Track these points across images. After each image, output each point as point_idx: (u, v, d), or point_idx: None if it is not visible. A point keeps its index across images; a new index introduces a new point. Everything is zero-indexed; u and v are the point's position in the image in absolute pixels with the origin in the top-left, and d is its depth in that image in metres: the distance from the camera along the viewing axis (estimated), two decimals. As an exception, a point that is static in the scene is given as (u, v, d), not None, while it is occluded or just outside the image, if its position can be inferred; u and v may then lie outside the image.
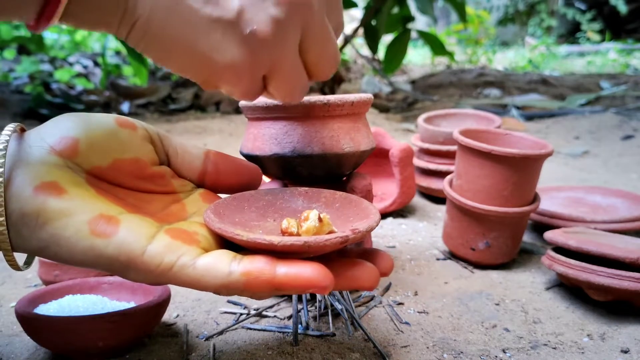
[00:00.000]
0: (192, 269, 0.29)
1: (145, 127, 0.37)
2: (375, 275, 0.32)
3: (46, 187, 0.29)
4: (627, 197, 0.84)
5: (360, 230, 0.31)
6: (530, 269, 0.68)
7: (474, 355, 0.46)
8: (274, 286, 0.29)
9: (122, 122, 0.36)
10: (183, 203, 0.37)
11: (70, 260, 0.30)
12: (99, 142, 0.33)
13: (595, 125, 1.80)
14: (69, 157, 0.32)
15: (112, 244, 0.29)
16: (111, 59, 3.28)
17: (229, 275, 0.29)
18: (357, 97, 0.50)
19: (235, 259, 0.30)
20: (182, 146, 0.39)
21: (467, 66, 4.01)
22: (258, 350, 0.46)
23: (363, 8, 2.60)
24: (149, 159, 0.36)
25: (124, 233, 0.29)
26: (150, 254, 0.29)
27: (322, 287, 0.29)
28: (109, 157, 0.34)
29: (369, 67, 3.53)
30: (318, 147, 0.49)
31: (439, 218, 0.90)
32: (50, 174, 0.30)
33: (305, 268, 0.29)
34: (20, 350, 0.47)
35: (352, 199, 0.39)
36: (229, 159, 0.41)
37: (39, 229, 0.29)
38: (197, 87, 2.34)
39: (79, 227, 0.29)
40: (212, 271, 0.29)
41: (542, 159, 0.63)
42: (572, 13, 5.89)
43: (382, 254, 0.36)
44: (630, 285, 0.50)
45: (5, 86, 2.47)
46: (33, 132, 0.33)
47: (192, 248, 0.30)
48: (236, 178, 0.40)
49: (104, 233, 0.29)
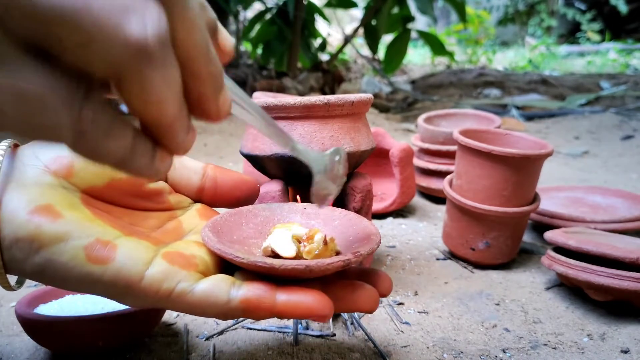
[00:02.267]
0: (191, 295, 0.29)
1: None
2: (375, 299, 0.32)
3: (41, 211, 0.28)
4: (627, 197, 0.84)
5: (362, 254, 0.31)
6: (530, 269, 0.68)
7: (474, 355, 0.46)
8: (273, 314, 0.29)
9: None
10: (179, 220, 0.37)
11: (65, 286, 0.29)
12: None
13: (595, 125, 1.80)
14: (64, 177, 0.31)
15: (109, 270, 0.28)
16: (111, 59, 3.28)
17: (228, 302, 0.29)
18: (357, 97, 0.50)
19: (234, 285, 0.29)
20: (181, 161, 0.38)
21: (467, 66, 4.01)
22: (258, 350, 0.46)
23: (363, 8, 2.60)
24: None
25: (122, 259, 0.28)
26: (149, 280, 0.28)
27: (322, 316, 0.29)
28: (105, 176, 0.33)
29: (369, 67, 3.53)
30: (318, 147, 0.49)
31: (439, 218, 0.90)
32: (44, 196, 0.29)
33: (305, 297, 0.29)
34: (20, 351, 0.47)
35: (351, 217, 0.38)
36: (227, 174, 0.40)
37: (33, 254, 0.28)
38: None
39: (75, 252, 0.28)
40: (211, 298, 0.29)
41: (542, 159, 0.63)
42: (572, 13, 5.89)
43: (381, 274, 0.35)
44: (630, 285, 0.50)
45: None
46: (27, 149, 0.32)
47: (191, 273, 0.29)
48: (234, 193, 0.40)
49: (101, 259, 0.28)
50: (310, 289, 0.30)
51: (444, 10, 5.96)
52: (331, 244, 0.34)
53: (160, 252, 0.30)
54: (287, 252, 0.33)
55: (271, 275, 0.30)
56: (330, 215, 0.39)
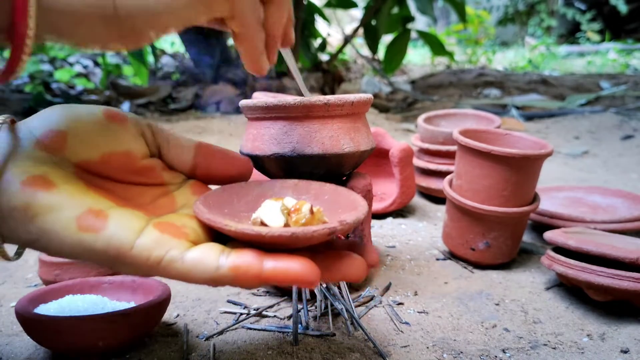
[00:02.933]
0: (181, 263, 0.29)
1: (136, 120, 0.37)
2: (362, 267, 0.32)
3: (34, 181, 0.29)
4: (627, 197, 0.84)
5: (347, 222, 0.31)
6: (530, 269, 0.68)
7: (473, 355, 0.46)
8: (261, 280, 0.29)
9: (111, 115, 0.35)
10: (172, 195, 0.38)
11: (60, 253, 0.30)
12: (88, 137, 0.33)
13: (595, 125, 1.80)
14: (57, 150, 0.32)
15: (100, 239, 0.29)
16: (111, 59, 3.28)
17: (217, 269, 0.29)
18: (357, 97, 0.50)
19: (223, 252, 0.30)
20: (174, 138, 0.39)
21: (467, 66, 4.01)
22: (258, 350, 0.46)
23: (363, 8, 2.60)
24: (139, 152, 0.36)
25: (113, 228, 0.29)
26: (139, 248, 0.29)
27: (309, 282, 0.29)
28: (98, 151, 0.34)
29: (369, 67, 3.53)
30: (318, 147, 0.49)
31: (439, 218, 0.90)
32: (38, 168, 0.30)
33: (292, 263, 0.29)
34: (20, 350, 0.47)
35: (340, 192, 0.39)
36: (220, 151, 0.40)
37: (27, 223, 0.29)
38: (197, 87, 2.34)
39: (68, 222, 0.29)
40: (201, 265, 0.29)
41: (541, 159, 0.63)
42: (572, 13, 5.89)
43: (368, 246, 0.36)
44: (629, 285, 0.50)
45: (6, 85, 2.47)
46: (22, 124, 0.33)
47: (181, 242, 0.30)
48: (227, 170, 0.40)
49: (93, 228, 0.29)
50: (298, 256, 0.30)
51: (443, 10, 5.96)
52: (318, 214, 0.34)
53: (152, 222, 0.31)
54: (275, 223, 0.33)
55: (259, 244, 0.31)
56: (320, 189, 0.40)
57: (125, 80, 2.72)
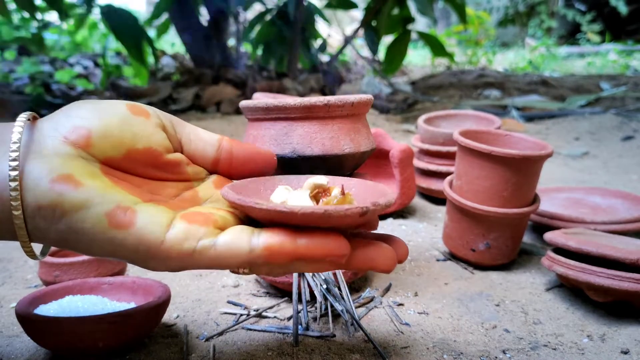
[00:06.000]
0: (214, 250, 0.29)
1: (158, 114, 0.36)
2: (392, 257, 0.32)
3: (62, 180, 0.29)
4: (627, 198, 0.84)
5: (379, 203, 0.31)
6: (530, 270, 0.68)
7: (474, 356, 0.46)
8: (296, 257, 0.29)
9: (135, 110, 0.35)
10: (196, 190, 0.38)
11: (90, 251, 0.30)
12: (113, 133, 0.33)
13: (595, 126, 1.80)
14: (83, 148, 0.32)
15: (131, 235, 0.29)
16: (112, 60, 3.28)
17: (251, 251, 0.29)
18: (357, 97, 0.50)
19: (254, 233, 0.30)
20: (196, 133, 0.39)
21: (467, 67, 4.01)
22: (258, 351, 0.46)
23: (363, 9, 2.60)
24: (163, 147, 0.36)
25: (142, 224, 0.29)
26: (170, 242, 0.29)
27: (340, 255, 0.29)
28: (122, 147, 0.33)
29: (369, 68, 3.54)
30: (318, 148, 0.49)
31: (439, 219, 0.90)
32: (65, 166, 0.30)
33: (324, 239, 0.29)
34: (20, 351, 0.47)
35: (367, 183, 0.39)
36: (243, 146, 0.40)
37: (56, 222, 0.29)
38: (198, 88, 2.35)
39: (98, 219, 0.29)
40: (234, 249, 0.29)
41: (542, 160, 0.63)
42: (572, 14, 5.89)
43: (398, 240, 0.35)
44: (630, 286, 0.50)
45: (6, 87, 2.47)
46: (46, 120, 0.33)
47: (210, 229, 0.30)
48: (250, 165, 0.40)
49: (122, 224, 0.29)
50: (329, 233, 0.30)
51: (444, 11, 5.97)
52: (348, 197, 0.34)
53: (179, 215, 0.31)
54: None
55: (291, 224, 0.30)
56: (347, 183, 0.40)
57: (126, 81, 2.72)
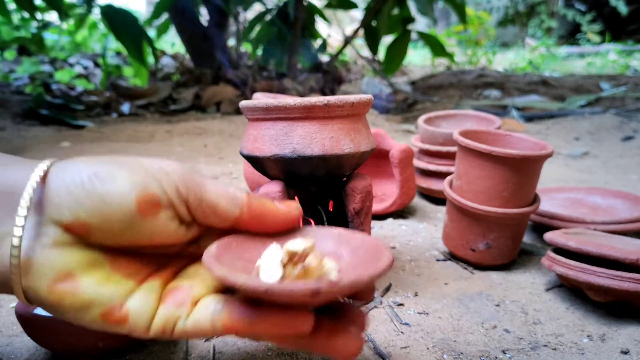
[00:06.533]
0: (184, 330, 0.33)
1: (173, 201, 0.33)
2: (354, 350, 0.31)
3: (61, 279, 0.31)
4: (627, 198, 0.84)
5: (336, 284, 0.28)
6: (530, 270, 0.68)
7: (474, 356, 0.46)
8: (253, 334, 0.31)
9: (145, 207, 0.32)
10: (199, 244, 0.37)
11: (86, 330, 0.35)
12: (114, 232, 0.32)
13: (595, 126, 1.80)
14: (84, 236, 0.32)
15: (123, 329, 0.33)
16: (112, 60, 3.28)
17: (214, 329, 0.32)
18: (357, 98, 0.50)
19: (216, 309, 0.32)
20: (213, 206, 0.34)
21: (467, 67, 4.01)
22: (258, 351, 0.46)
23: (363, 9, 2.60)
24: (174, 239, 0.34)
25: (133, 318, 0.32)
26: (153, 330, 0.33)
27: (296, 334, 0.30)
28: (125, 242, 0.33)
29: (369, 68, 3.54)
30: (318, 148, 0.49)
31: (439, 219, 0.90)
32: (64, 262, 0.31)
33: (281, 316, 0.30)
34: (20, 351, 0.47)
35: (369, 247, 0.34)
36: (265, 212, 0.36)
37: (58, 315, 0.32)
38: (198, 88, 2.35)
39: (94, 318, 0.32)
40: (200, 328, 0.33)
41: (542, 160, 0.63)
42: (572, 14, 5.89)
43: (358, 310, 0.34)
44: (630, 286, 0.50)
45: (6, 87, 2.47)
46: (50, 203, 0.31)
47: (183, 310, 0.33)
48: (269, 228, 0.37)
49: (116, 321, 0.32)
50: (288, 310, 0.30)
51: (444, 11, 5.97)
52: (314, 270, 0.31)
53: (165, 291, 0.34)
54: (270, 277, 0.31)
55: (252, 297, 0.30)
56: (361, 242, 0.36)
57: (126, 81, 2.72)
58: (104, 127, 1.79)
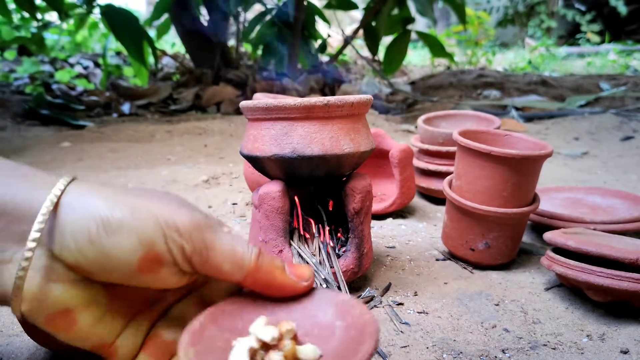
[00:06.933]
0: None
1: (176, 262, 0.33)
2: None
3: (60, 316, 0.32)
4: (627, 198, 0.84)
5: None
6: (530, 269, 0.68)
7: (473, 355, 0.46)
8: None
9: (146, 266, 0.32)
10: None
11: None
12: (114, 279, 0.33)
13: (594, 126, 1.80)
14: (84, 275, 0.33)
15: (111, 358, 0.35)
16: (112, 60, 3.28)
17: None
18: (357, 98, 0.51)
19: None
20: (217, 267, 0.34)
21: (467, 67, 4.01)
22: None
23: (363, 9, 2.60)
24: (174, 286, 0.34)
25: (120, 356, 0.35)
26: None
27: None
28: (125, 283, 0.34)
29: (369, 68, 3.54)
30: (318, 148, 0.49)
31: (439, 219, 0.90)
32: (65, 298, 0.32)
33: None
34: (20, 350, 0.47)
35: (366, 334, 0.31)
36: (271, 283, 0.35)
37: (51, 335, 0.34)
38: (198, 88, 2.35)
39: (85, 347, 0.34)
40: None
41: (541, 159, 0.63)
42: (571, 14, 5.89)
43: None
44: (629, 286, 0.50)
45: (6, 86, 2.47)
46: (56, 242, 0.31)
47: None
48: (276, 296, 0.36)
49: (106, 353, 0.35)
50: None
51: (443, 11, 5.97)
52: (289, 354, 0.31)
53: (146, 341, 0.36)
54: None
55: None
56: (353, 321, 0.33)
57: (126, 81, 2.72)
58: (104, 127, 1.79)
